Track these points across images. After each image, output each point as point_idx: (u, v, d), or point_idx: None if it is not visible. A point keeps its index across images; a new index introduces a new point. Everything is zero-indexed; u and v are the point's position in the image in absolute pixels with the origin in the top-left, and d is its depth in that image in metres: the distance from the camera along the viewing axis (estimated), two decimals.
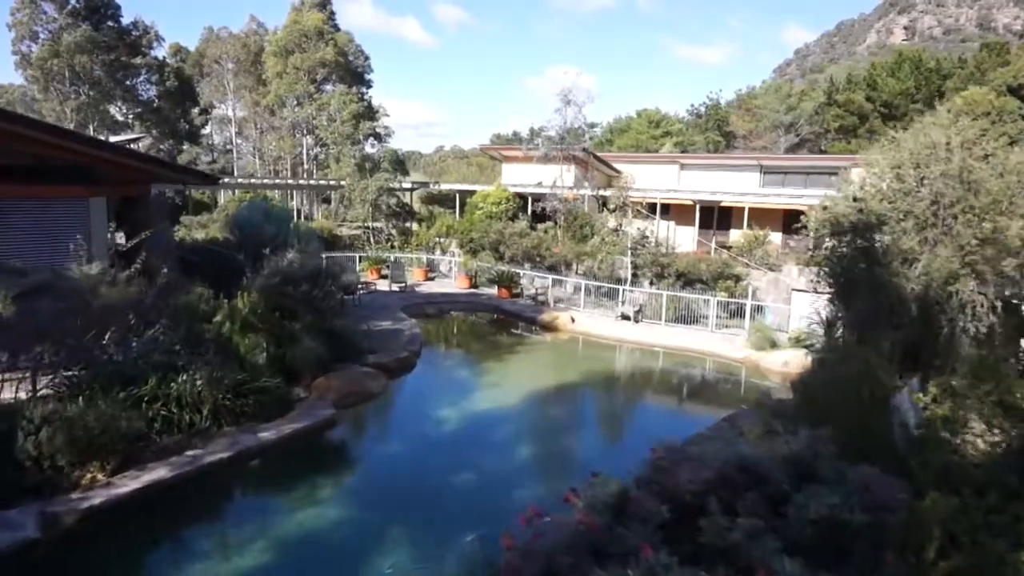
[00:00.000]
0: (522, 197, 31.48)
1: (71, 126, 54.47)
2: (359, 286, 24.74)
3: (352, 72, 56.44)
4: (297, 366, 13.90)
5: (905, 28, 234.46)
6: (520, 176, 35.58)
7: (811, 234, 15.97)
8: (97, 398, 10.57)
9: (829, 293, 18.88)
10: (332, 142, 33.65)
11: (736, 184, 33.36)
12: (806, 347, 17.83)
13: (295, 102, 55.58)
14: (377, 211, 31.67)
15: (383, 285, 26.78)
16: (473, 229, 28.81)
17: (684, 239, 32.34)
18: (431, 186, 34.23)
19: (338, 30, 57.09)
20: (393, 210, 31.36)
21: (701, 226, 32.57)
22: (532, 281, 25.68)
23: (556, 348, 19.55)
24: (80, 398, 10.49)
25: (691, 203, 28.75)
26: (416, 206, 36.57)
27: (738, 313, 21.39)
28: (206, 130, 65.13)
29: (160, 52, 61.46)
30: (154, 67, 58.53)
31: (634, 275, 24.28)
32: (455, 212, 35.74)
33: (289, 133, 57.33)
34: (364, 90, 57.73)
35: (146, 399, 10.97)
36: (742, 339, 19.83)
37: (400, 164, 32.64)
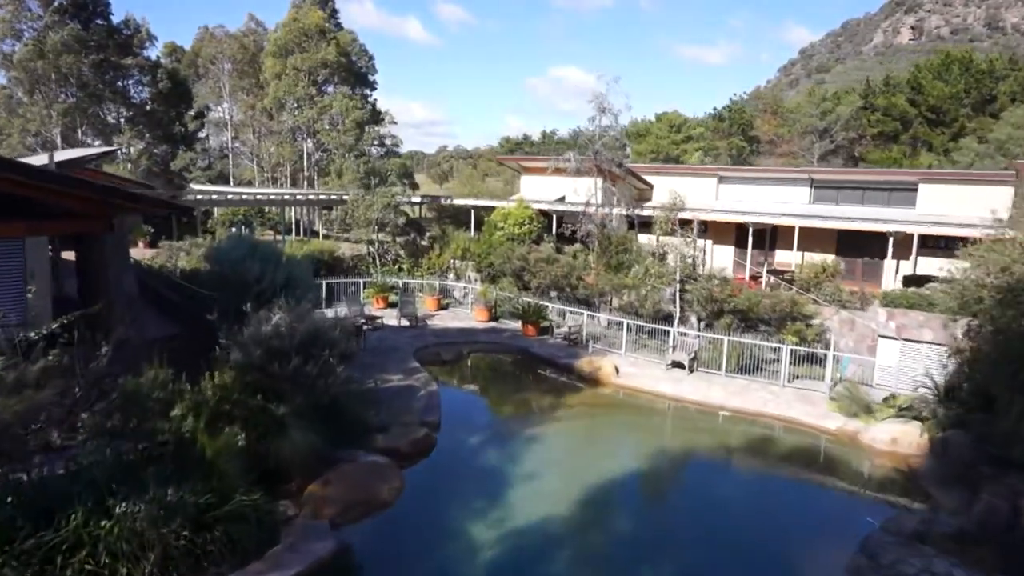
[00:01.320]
0: (546, 215, 28.17)
1: (58, 131, 51.35)
2: (364, 324, 21.56)
3: (355, 73, 53.17)
4: (284, 463, 10.67)
5: (912, 28, 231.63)
6: (542, 189, 32.27)
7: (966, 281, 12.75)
8: None
9: (940, 345, 15.55)
10: (334, 148, 30.47)
11: (783, 200, 30.03)
12: (917, 419, 14.57)
13: (295, 105, 52.36)
14: (383, 229, 28.39)
15: (390, 315, 23.54)
16: (492, 252, 25.50)
17: (721, 260, 29.02)
18: (443, 201, 30.97)
19: (340, 29, 53.87)
20: (401, 229, 28.05)
21: (741, 245, 29.27)
22: (563, 316, 22.38)
23: (603, 412, 16.21)
24: None
25: (742, 224, 25.31)
26: (425, 212, 33.26)
27: (808, 359, 17.99)
28: (203, 134, 61.92)
29: (153, 52, 58.34)
30: (146, 68, 55.32)
31: (680, 309, 21.00)
32: (469, 228, 32.48)
33: (288, 138, 54.11)
34: (368, 92, 54.53)
35: (65, 547, 7.72)
36: (822, 399, 16.52)
37: (409, 176, 29.29)
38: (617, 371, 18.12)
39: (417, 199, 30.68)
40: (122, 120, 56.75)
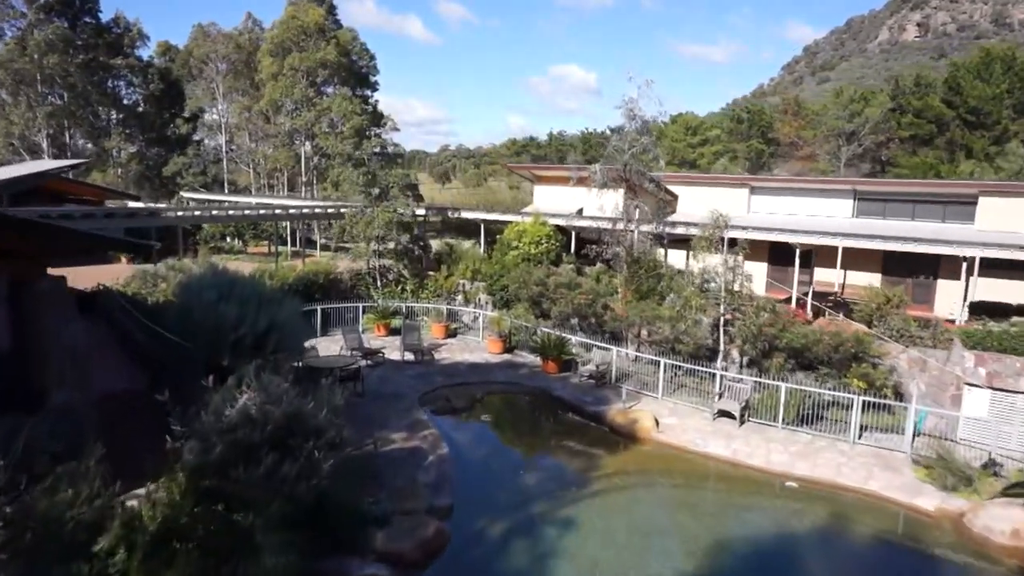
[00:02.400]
0: (564, 231, 25.58)
1: (44, 134, 48.88)
2: (363, 359, 19.09)
3: (356, 74, 50.73)
4: None
5: (918, 25, 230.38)
6: (557, 200, 29.69)
7: None
8: None
9: None
10: (333, 155, 28.01)
11: (822, 213, 27.42)
12: None
13: (293, 107, 49.88)
14: (384, 245, 25.91)
15: (392, 345, 21.08)
16: (505, 275, 22.92)
17: (753, 277, 26.43)
18: (450, 214, 28.44)
19: (340, 27, 51.40)
20: (404, 247, 25.50)
21: (775, 262, 26.69)
22: (589, 349, 19.80)
23: (646, 483, 13.57)
24: None
25: (782, 241, 22.59)
26: (430, 216, 30.72)
27: (874, 403, 15.32)
28: (197, 136, 59.38)
29: (146, 52, 55.86)
30: (136, 68, 52.83)
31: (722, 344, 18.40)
32: (478, 239, 29.91)
33: (284, 143, 51.58)
34: (369, 93, 52.10)
35: None
36: (904, 461, 13.97)
37: (412, 188, 26.72)
38: (657, 423, 15.55)
39: (421, 211, 28.17)
40: (112, 123, 54.32)
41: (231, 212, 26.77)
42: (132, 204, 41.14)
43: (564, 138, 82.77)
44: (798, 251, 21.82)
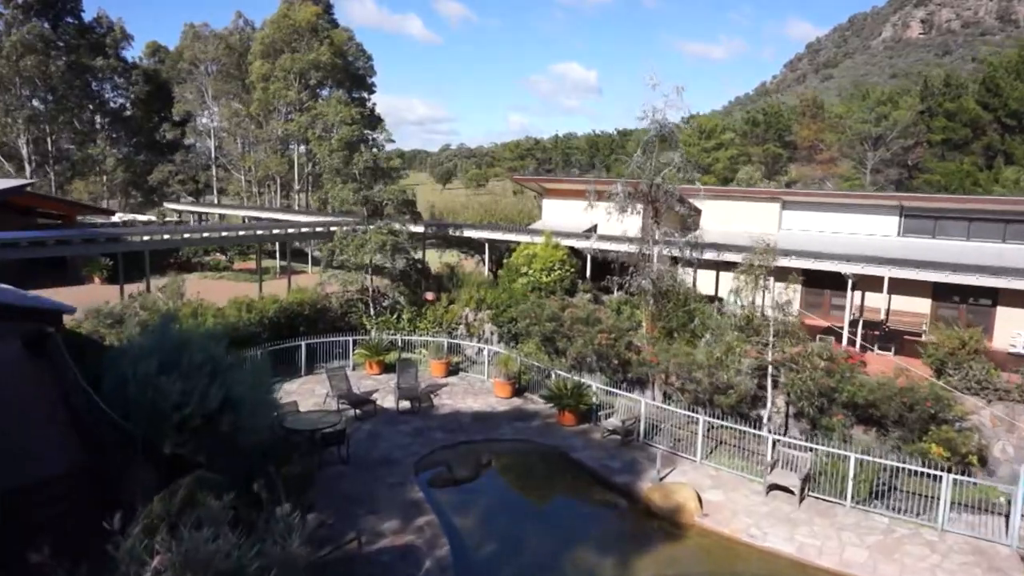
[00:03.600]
0: (578, 253, 22.92)
1: (23, 140, 46.34)
2: (352, 410, 16.60)
3: (351, 75, 48.15)
4: None
5: (922, 22, 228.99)
6: (568, 216, 27.06)
7: None
8: None
9: None
10: (324, 168, 25.50)
11: (864, 231, 24.77)
12: None
13: (285, 111, 47.31)
14: (379, 273, 23.39)
15: (385, 388, 18.59)
16: (514, 305, 20.30)
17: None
18: (452, 231, 25.84)
19: (336, 26, 48.79)
20: (401, 272, 22.96)
21: (811, 284, 24.00)
22: (611, 394, 17.18)
23: None
24: None
25: (844, 276, 19.51)
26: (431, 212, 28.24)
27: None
28: (188, 141, 56.79)
29: (132, 53, 53.40)
30: (120, 70, 50.27)
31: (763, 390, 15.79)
32: (482, 260, 27.34)
33: (276, 148, 48.97)
34: (365, 96, 49.55)
35: None
36: (1010, 559, 11.35)
37: (410, 205, 24.15)
38: (700, 502, 12.92)
39: (420, 229, 25.59)
40: (97, 127, 51.77)
41: (206, 235, 24.12)
42: (117, 217, 38.64)
43: (571, 138, 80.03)
44: (851, 281, 19.11)
